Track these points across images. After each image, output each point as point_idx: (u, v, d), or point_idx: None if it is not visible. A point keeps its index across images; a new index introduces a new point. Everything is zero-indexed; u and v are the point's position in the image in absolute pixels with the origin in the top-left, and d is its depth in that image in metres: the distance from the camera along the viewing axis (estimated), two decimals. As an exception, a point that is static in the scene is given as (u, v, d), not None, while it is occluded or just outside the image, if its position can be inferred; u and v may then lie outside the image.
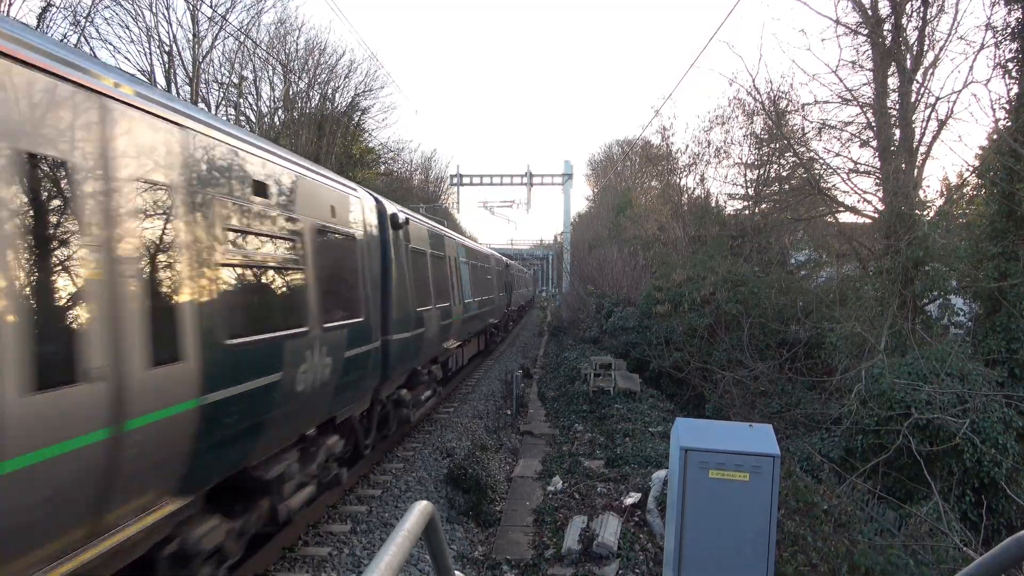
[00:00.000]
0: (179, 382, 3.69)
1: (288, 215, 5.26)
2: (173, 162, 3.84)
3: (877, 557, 5.96)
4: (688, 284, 18.00)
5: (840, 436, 10.49)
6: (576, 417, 13.51)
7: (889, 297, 12.26)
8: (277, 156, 5.31)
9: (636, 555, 6.48)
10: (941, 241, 12.00)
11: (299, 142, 29.39)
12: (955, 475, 9.06)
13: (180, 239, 3.80)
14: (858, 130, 14.35)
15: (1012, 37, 11.44)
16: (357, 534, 7.06)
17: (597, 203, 60.43)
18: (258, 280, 4.84)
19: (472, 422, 12.56)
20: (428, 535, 2.20)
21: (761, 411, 13.31)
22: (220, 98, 29.85)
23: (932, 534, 7.04)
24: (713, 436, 4.76)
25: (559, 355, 22.88)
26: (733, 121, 20.33)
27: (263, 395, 4.64)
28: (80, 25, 22.22)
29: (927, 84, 12.81)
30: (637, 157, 41.27)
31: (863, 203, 14.18)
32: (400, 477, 8.99)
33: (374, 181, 36.12)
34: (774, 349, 15.95)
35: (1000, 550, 1.81)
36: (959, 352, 10.28)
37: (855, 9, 13.57)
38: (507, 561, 6.61)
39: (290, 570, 6.15)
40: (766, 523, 4.48)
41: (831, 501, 6.78)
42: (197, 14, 26.13)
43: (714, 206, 23.18)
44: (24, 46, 2.87)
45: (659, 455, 9.70)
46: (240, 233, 4.51)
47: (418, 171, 53.91)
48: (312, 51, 32.33)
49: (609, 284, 29.51)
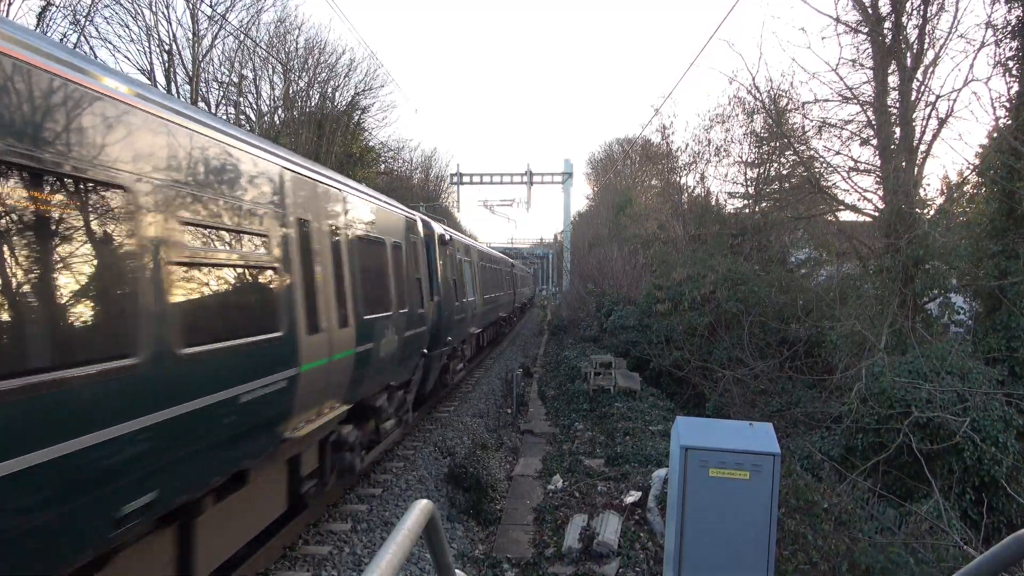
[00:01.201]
0: (349, 337, 6.48)
1: (380, 236, 8.12)
2: (397, 227, 9.07)
3: (877, 555, 5.96)
4: (688, 283, 17.99)
5: (840, 434, 10.49)
6: (576, 416, 13.51)
7: (889, 295, 12.26)
8: (382, 202, 8.66)
9: (636, 553, 6.49)
10: (941, 239, 11.99)
11: (299, 141, 29.38)
12: (955, 473, 9.06)
13: (358, 263, 7.00)
14: (858, 128, 14.34)
15: (1012, 35, 11.42)
16: (358, 533, 7.07)
17: (597, 202, 60.40)
18: (372, 278, 7.57)
19: (472, 421, 12.57)
20: (429, 534, 2.20)
21: (761, 410, 13.30)
22: (220, 97, 29.87)
23: (932, 532, 7.04)
24: (713, 435, 4.76)
25: (559, 354, 22.88)
26: (733, 120, 20.32)
27: (376, 352, 7.44)
28: (80, 24, 22.24)
29: (927, 82, 12.81)
30: (637, 156, 41.26)
31: (863, 201, 14.18)
32: (401, 476, 9.00)
33: (374, 180, 36.11)
34: (774, 348, 15.94)
35: (1000, 548, 1.81)
36: (959, 350, 10.28)
37: (855, 7, 13.55)
38: (507, 560, 6.61)
39: (291, 569, 6.16)
40: (766, 521, 4.48)
41: (831, 499, 6.78)
42: (197, 13, 26.15)
43: (714, 204, 23.17)
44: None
45: (659, 454, 9.70)
46: (360, 253, 7.18)
47: (418, 170, 53.98)
48: (312, 50, 32.36)
49: (609, 283, 29.49)
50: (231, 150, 4.62)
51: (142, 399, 3.45)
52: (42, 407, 2.83)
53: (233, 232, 4.56)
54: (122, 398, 3.30)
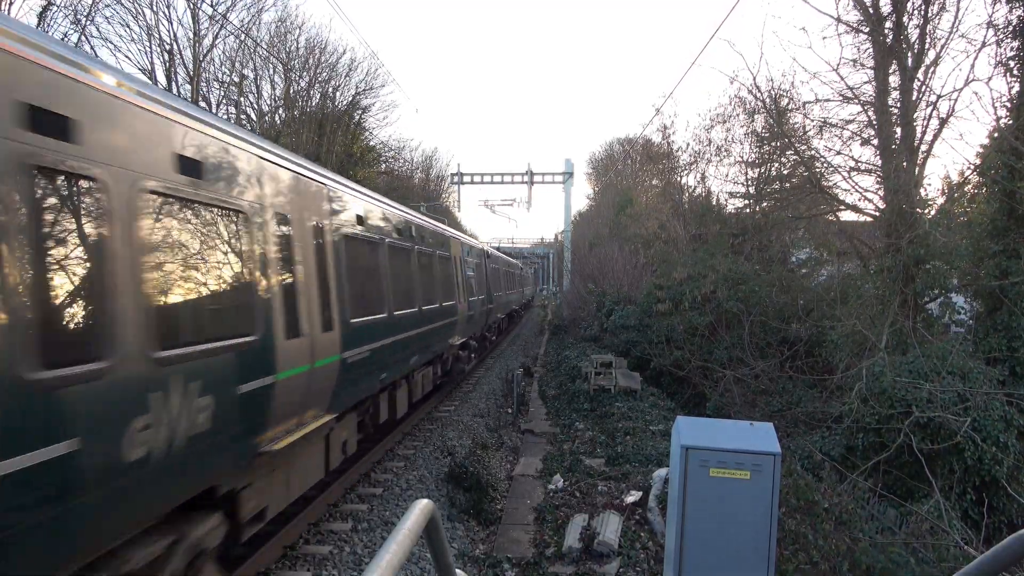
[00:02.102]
0: (463, 307, 12.26)
1: (431, 251, 10.98)
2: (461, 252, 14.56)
3: (878, 555, 5.96)
4: (689, 282, 17.99)
5: (841, 434, 10.49)
6: (577, 415, 13.50)
7: (890, 295, 12.26)
8: (445, 228, 12.53)
9: (637, 553, 6.49)
10: (942, 239, 11.98)
11: (300, 141, 29.38)
12: (956, 473, 9.06)
13: (421, 273, 10.15)
14: (859, 128, 14.33)
15: (1013, 35, 11.42)
16: (358, 532, 7.07)
17: (598, 201, 60.39)
18: (473, 280, 12.36)
19: (473, 420, 12.57)
20: (429, 533, 2.20)
21: (762, 409, 13.30)
22: (221, 97, 29.87)
23: (933, 532, 7.03)
24: (714, 434, 4.76)
25: (560, 353, 22.88)
26: (734, 119, 20.32)
27: (472, 317, 12.32)
28: (81, 24, 22.23)
29: (928, 82, 12.80)
30: (638, 155, 41.27)
31: (864, 201, 14.17)
32: (401, 475, 9.00)
33: (375, 180, 36.11)
34: (775, 347, 15.94)
35: (1001, 548, 1.81)
36: (960, 350, 10.28)
37: (856, 7, 13.54)
38: (508, 559, 6.61)
39: (291, 568, 6.17)
40: (767, 521, 4.48)
41: (832, 499, 6.78)
42: (198, 12, 26.14)
43: (715, 204, 23.17)
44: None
45: (660, 453, 9.70)
46: (468, 267, 11.76)
47: (419, 170, 53.92)
48: (313, 50, 32.34)
49: (610, 282, 29.49)
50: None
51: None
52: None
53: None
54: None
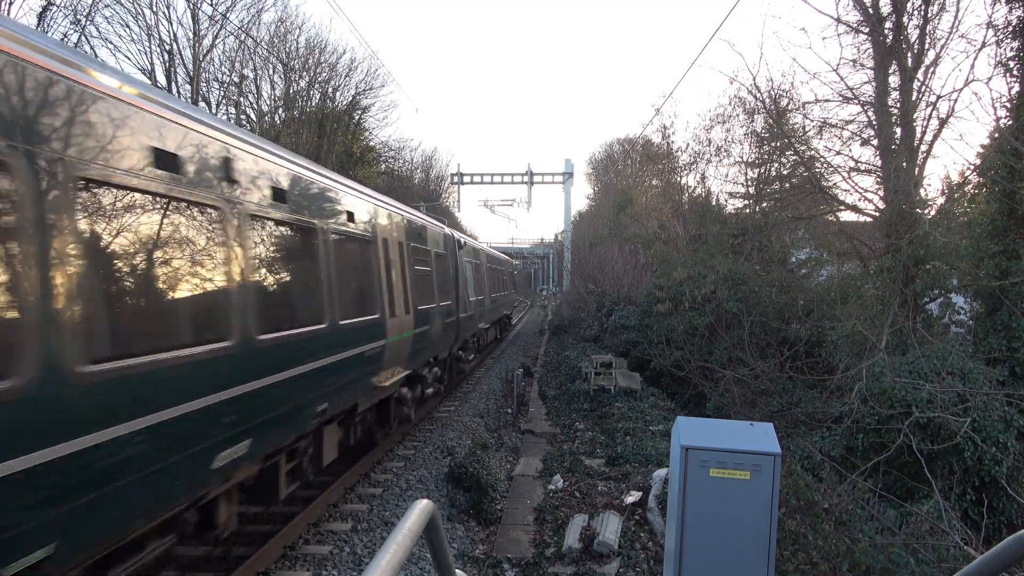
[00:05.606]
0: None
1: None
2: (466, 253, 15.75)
3: (878, 555, 5.96)
4: (689, 282, 17.99)
5: (841, 435, 10.49)
6: (577, 416, 13.51)
7: (890, 296, 12.26)
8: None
9: (637, 553, 6.49)
10: (942, 239, 11.99)
11: (300, 140, 29.37)
12: (956, 474, 9.06)
13: (430, 272, 11.20)
14: (859, 128, 14.36)
15: (1013, 35, 11.41)
16: (358, 532, 7.07)
17: (598, 202, 60.38)
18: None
19: (473, 421, 12.57)
20: (429, 533, 2.20)
21: (762, 409, 13.30)
22: (220, 97, 29.86)
23: (933, 532, 7.04)
24: (714, 434, 4.75)
25: (560, 354, 22.88)
26: (734, 119, 20.37)
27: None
28: (81, 24, 22.23)
29: (928, 82, 12.81)
30: (638, 156, 41.28)
31: (864, 201, 14.18)
32: (401, 475, 9.00)
33: (375, 180, 36.11)
34: (775, 348, 15.93)
35: (1001, 548, 1.81)
36: (960, 351, 10.28)
37: (856, 7, 13.56)
38: (508, 559, 6.61)
39: (291, 568, 6.16)
40: (767, 521, 4.47)
41: (832, 499, 6.79)
42: (197, 13, 26.13)
43: (715, 204, 23.20)
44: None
45: (660, 454, 9.70)
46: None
47: (419, 170, 54.00)
48: (313, 50, 32.35)
49: (610, 282, 29.48)
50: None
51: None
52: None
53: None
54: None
